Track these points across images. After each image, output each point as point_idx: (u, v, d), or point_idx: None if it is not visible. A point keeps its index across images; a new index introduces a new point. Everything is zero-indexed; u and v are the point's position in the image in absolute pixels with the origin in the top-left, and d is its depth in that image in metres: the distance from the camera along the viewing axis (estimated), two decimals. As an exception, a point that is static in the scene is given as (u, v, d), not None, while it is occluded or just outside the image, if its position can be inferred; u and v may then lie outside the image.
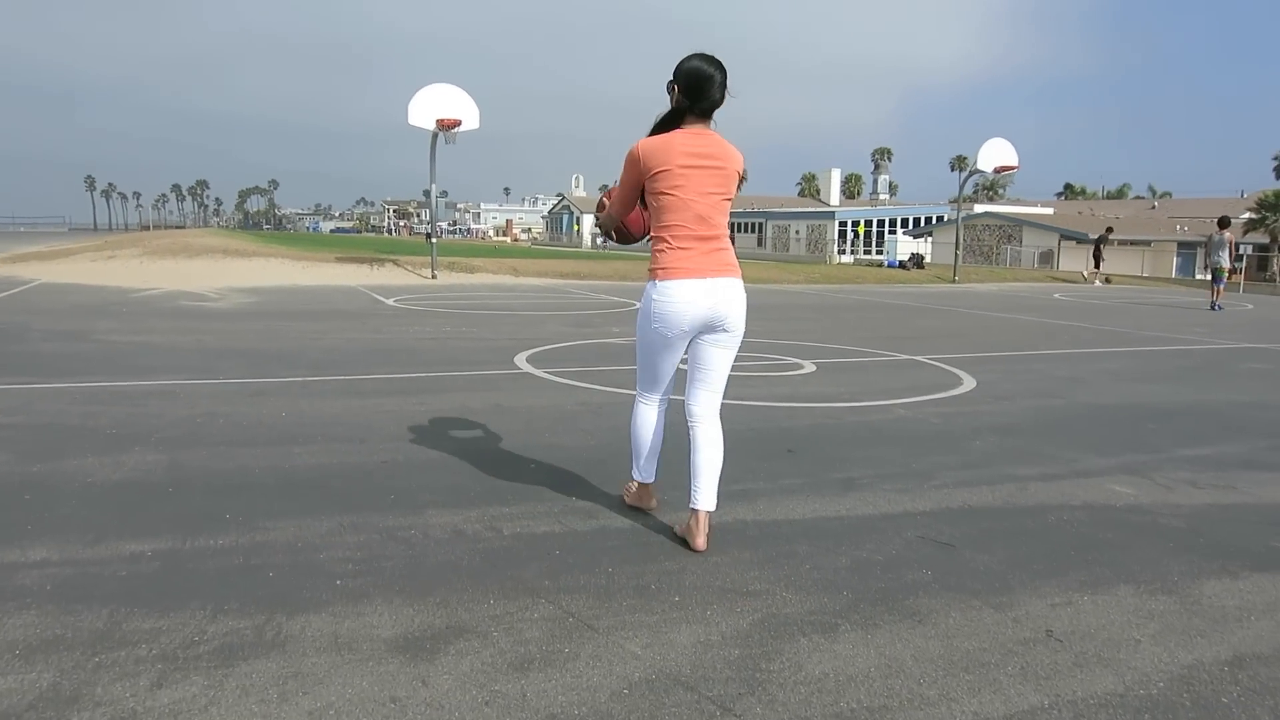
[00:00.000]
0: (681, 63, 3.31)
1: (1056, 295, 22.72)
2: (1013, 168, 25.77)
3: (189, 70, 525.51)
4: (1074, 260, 47.02)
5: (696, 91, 3.28)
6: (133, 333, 9.79)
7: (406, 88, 19.16)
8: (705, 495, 3.46)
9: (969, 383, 7.76)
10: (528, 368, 7.91)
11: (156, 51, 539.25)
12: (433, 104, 19.23)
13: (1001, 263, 49.18)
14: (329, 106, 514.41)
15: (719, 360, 3.47)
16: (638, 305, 3.74)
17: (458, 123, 19.13)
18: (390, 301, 14.72)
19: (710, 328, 3.38)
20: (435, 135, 19.62)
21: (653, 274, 3.37)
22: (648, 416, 3.63)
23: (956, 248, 28.13)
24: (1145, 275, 41.71)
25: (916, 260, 30.25)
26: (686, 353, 3.52)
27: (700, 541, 3.42)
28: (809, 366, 8.47)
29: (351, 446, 4.92)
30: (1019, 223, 55.23)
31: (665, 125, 3.37)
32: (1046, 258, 50.31)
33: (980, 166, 25.60)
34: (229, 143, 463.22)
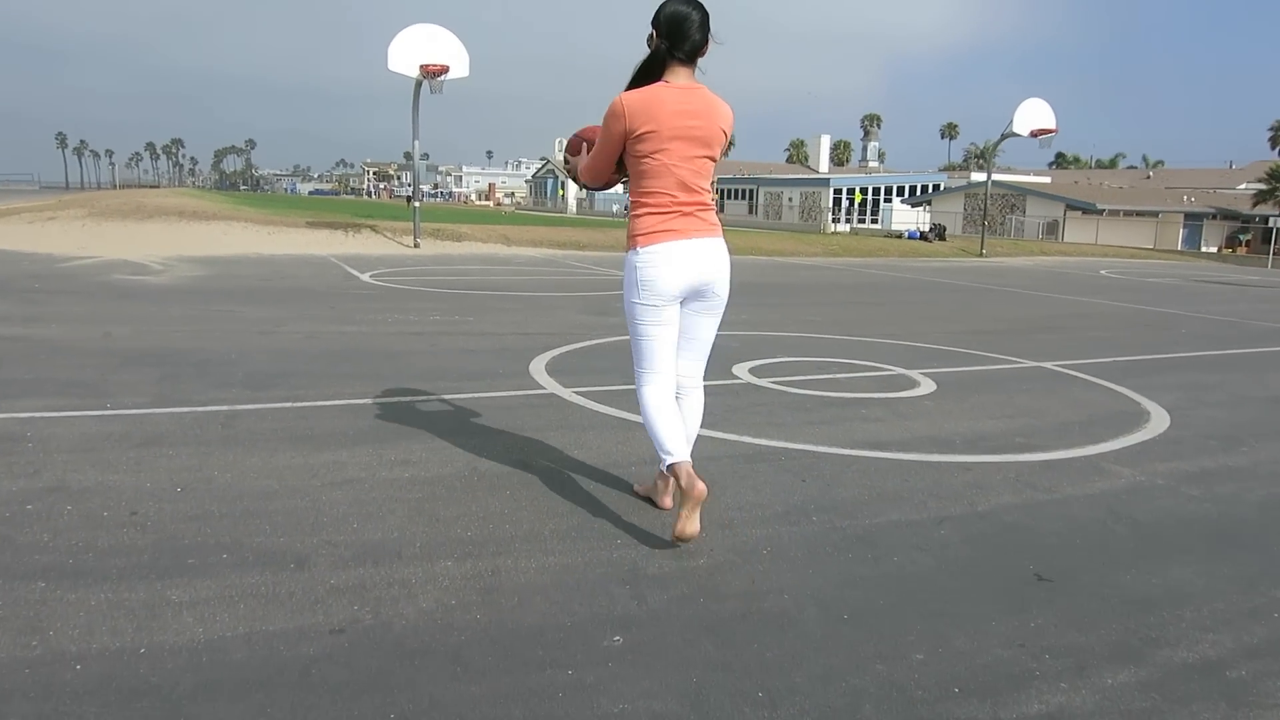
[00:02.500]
0: (659, 8, 3.05)
1: (1103, 272, 20.69)
2: (1050, 131, 23.58)
3: (165, 25, 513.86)
4: (1080, 231, 45.10)
5: (677, 33, 3.02)
6: (24, 322, 7.49)
7: (387, 46, 16.70)
8: (676, 449, 3.11)
9: (1157, 412, 5.64)
10: (553, 385, 5.70)
11: (132, 5, 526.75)
12: (416, 47, 16.78)
13: (1005, 234, 47.13)
14: (309, 66, 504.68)
15: (706, 328, 3.32)
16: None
17: (445, 69, 16.69)
18: (365, 277, 12.42)
19: (698, 294, 3.19)
20: (419, 83, 17.19)
21: (633, 241, 3.14)
22: (654, 398, 3.23)
23: (984, 219, 26.03)
24: (1153, 248, 39.80)
25: (939, 232, 28.07)
26: None
27: (700, 486, 2.99)
28: (924, 381, 6.32)
29: (280, 581, 2.73)
30: (1023, 192, 53.17)
31: (646, 75, 3.08)
32: (1052, 229, 48.37)
33: (1015, 130, 23.40)
34: (205, 100, 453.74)
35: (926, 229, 28.89)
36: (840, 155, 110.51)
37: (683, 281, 3.12)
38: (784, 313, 10.12)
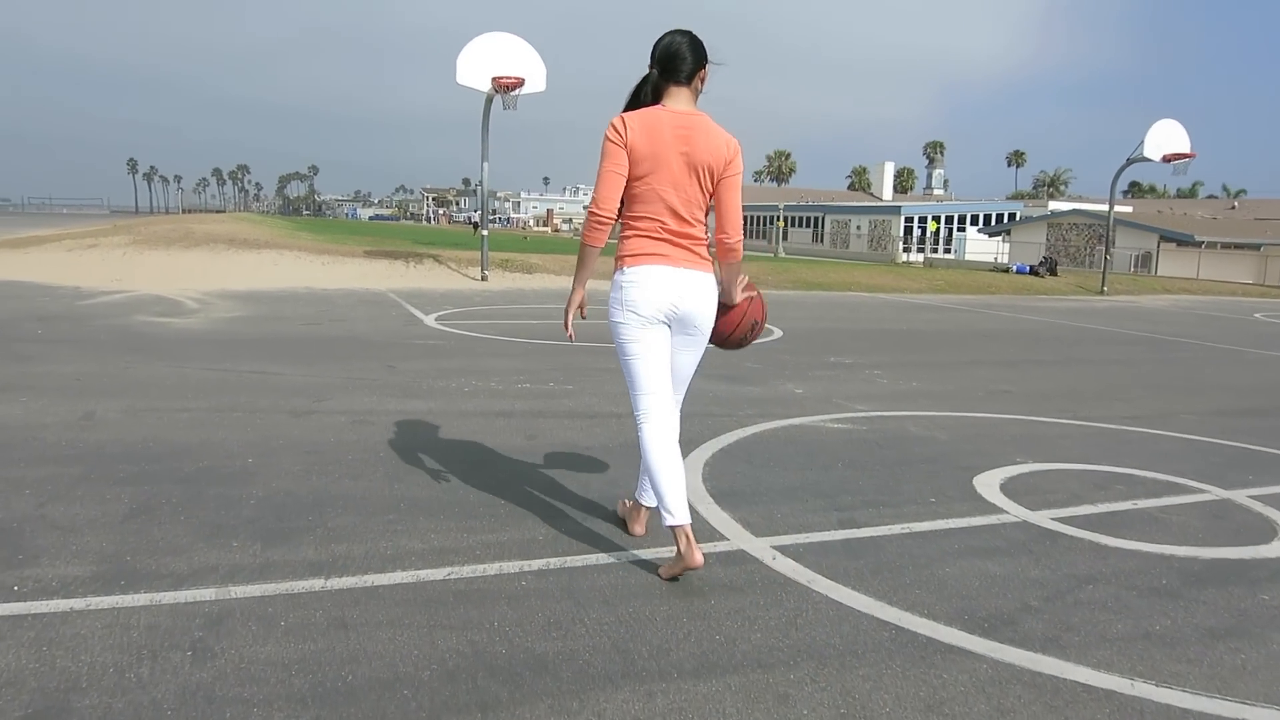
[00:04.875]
0: (655, 43, 3.09)
1: (1258, 315, 18.09)
2: (1187, 156, 21.06)
3: (233, 62, 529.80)
4: (1174, 265, 42.10)
5: (666, 61, 3.05)
6: (-11, 392, 5.64)
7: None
8: (678, 509, 2.99)
9: None
10: (737, 531, 3.61)
11: (202, 44, 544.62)
12: (488, 59, 15.00)
13: (1095, 265, 44.17)
14: (369, 98, 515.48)
15: (685, 362, 3.24)
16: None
17: (520, 82, 14.87)
18: (430, 320, 10.51)
19: (680, 325, 3.12)
20: (490, 99, 15.41)
21: (619, 262, 3.10)
22: (653, 439, 3.08)
23: (1106, 253, 23.48)
24: (1263, 283, 36.61)
25: (1050, 266, 25.49)
26: None
27: (698, 557, 2.97)
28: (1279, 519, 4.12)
29: None
30: (1112, 222, 49.98)
31: (640, 98, 3.09)
32: (1145, 261, 45.22)
33: (1147, 154, 20.92)
34: (271, 128, 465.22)
35: (1036, 263, 26.34)
36: (904, 183, 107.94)
37: (664, 304, 3.05)
38: (958, 377, 7.95)
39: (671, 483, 3.02)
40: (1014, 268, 26.20)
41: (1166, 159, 21.08)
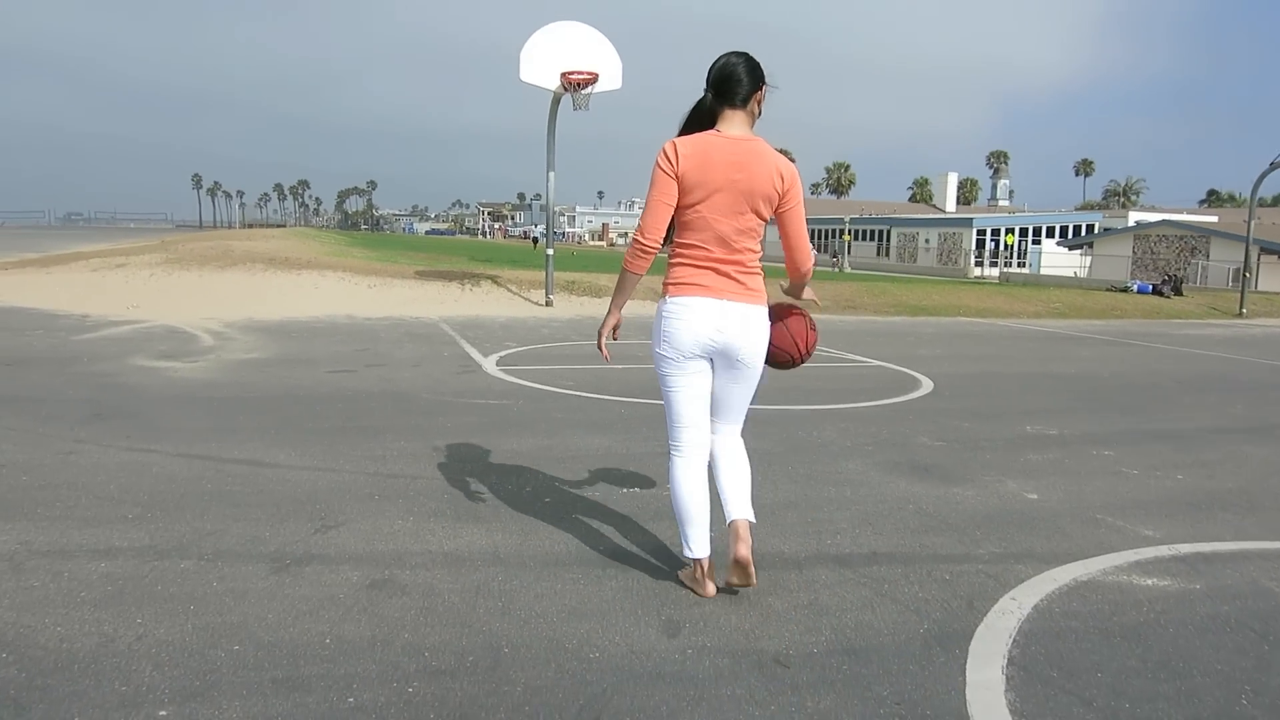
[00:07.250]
0: (710, 66, 3.00)
1: None
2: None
3: (297, 84, 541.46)
4: (1277, 278, 38.71)
5: (721, 84, 2.94)
6: None
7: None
8: (739, 504, 3.07)
9: None
10: None
11: (268, 66, 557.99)
12: (556, 52, 13.06)
13: (1189, 281, 40.87)
14: (426, 115, 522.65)
15: (736, 395, 3.11)
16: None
17: (593, 78, 12.90)
18: (490, 364, 8.50)
19: (725, 359, 3.02)
20: (557, 98, 13.46)
21: (664, 289, 3.04)
22: (683, 472, 3.10)
23: (1245, 270, 20.78)
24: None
25: (1175, 285, 22.81)
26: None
27: (744, 551, 2.98)
28: None
29: None
30: (1205, 233, 46.56)
31: (695, 124, 2.99)
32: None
33: (1299, 158, 18.28)
34: (331, 144, 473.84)
35: (1159, 281, 23.63)
36: (967, 194, 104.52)
37: (703, 339, 2.96)
38: (1225, 462, 5.68)
39: (698, 518, 3.05)
40: (1134, 286, 23.52)
41: (1320, 163, 18.43)
